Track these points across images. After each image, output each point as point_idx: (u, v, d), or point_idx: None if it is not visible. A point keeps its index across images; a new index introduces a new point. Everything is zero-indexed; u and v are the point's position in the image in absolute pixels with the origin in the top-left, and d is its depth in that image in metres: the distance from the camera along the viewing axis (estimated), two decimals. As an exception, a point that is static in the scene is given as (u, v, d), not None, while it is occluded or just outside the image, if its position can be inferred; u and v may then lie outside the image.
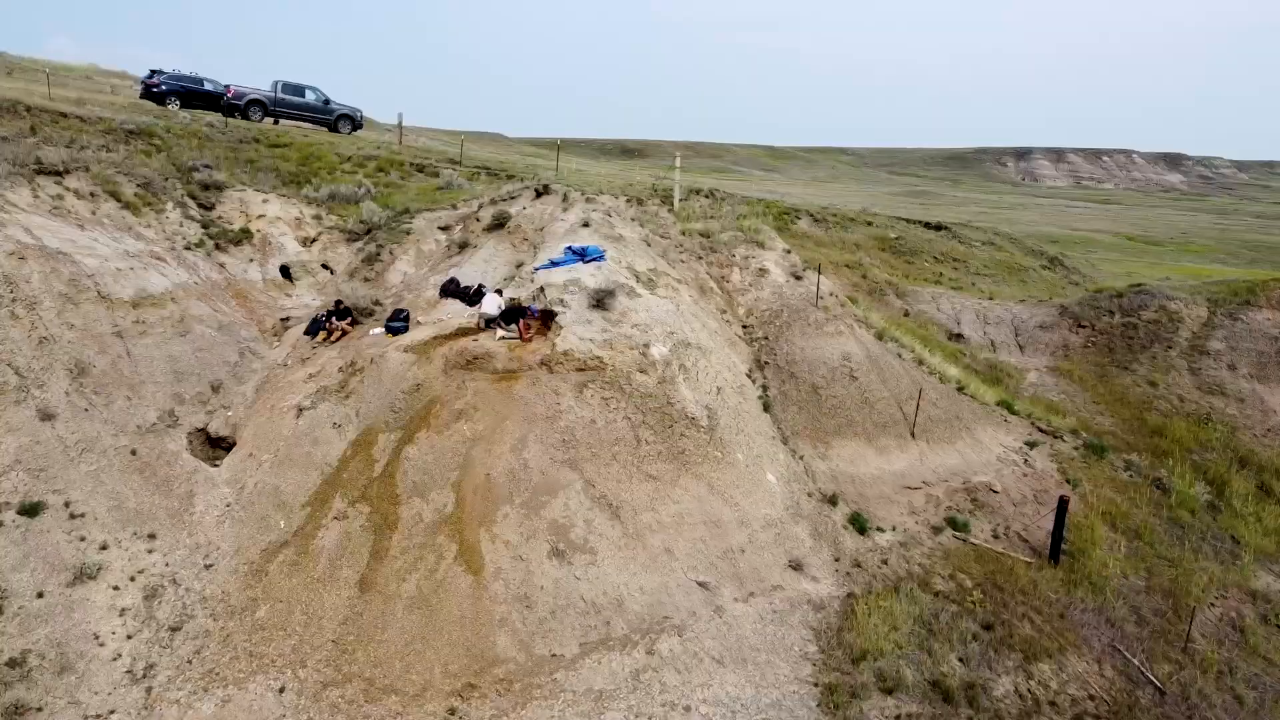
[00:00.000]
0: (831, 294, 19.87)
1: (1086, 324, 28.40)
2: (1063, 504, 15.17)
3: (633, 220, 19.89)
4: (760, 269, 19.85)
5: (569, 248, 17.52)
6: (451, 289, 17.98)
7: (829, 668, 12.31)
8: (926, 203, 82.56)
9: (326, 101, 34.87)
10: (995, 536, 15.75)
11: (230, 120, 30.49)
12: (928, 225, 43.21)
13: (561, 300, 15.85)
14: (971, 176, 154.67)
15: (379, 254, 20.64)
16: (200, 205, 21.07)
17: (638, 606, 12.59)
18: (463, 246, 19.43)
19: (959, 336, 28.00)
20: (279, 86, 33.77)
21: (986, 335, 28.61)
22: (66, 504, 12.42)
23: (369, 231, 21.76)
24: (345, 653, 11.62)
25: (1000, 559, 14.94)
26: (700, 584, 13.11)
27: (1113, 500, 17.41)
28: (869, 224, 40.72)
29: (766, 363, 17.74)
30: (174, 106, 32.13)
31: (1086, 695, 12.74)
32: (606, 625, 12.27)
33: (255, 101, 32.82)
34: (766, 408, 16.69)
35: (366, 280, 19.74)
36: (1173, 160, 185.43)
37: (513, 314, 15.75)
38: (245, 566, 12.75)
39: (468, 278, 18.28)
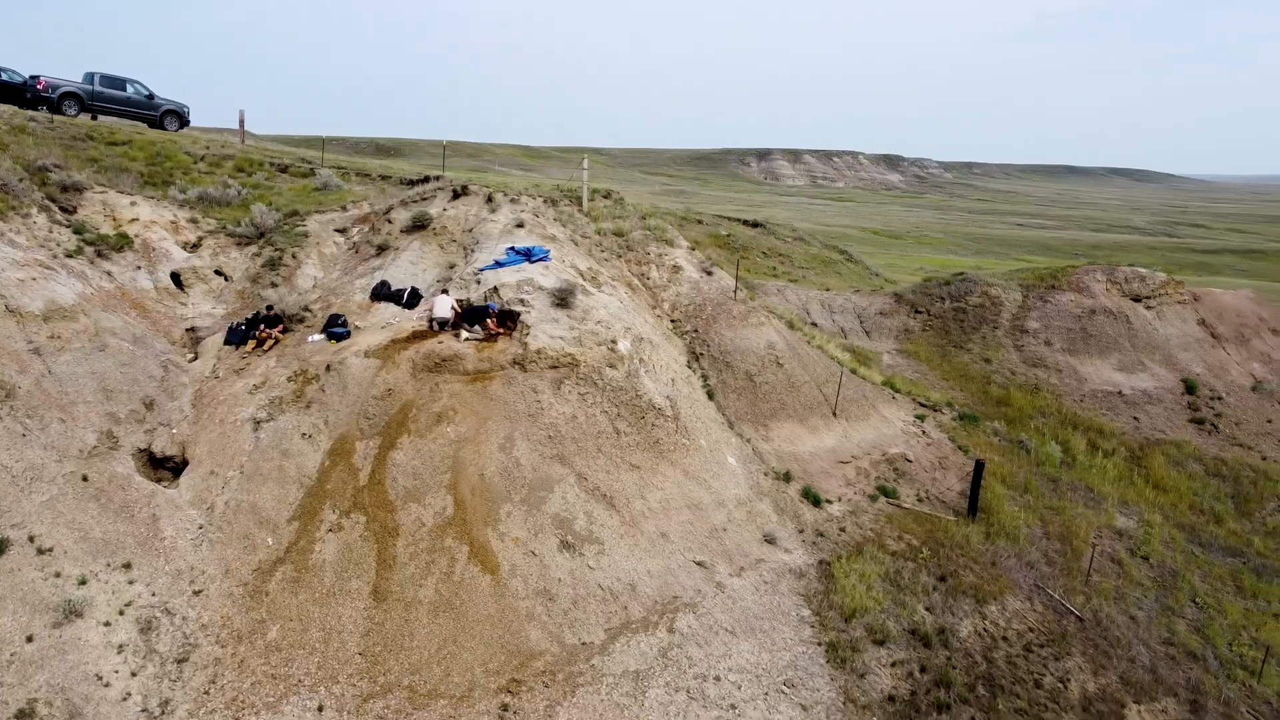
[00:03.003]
0: (740, 288, 21.12)
1: (922, 310, 31.64)
2: (979, 467, 17.21)
3: (555, 220, 20.13)
4: (674, 266, 20.75)
5: (512, 248, 17.56)
6: (383, 292, 17.51)
7: (826, 628, 13.42)
8: (685, 200, 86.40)
9: (151, 96, 31.98)
10: (920, 500, 17.58)
11: (55, 116, 27.43)
12: (746, 223, 45.97)
13: (521, 300, 15.97)
14: (719, 176, 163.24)
15: (280, 258, 19.58)
16: (62, 209, 19.13)
17: (649, 589, 13.12)
18: (381, 249, 18.87)
19: (812, 325, 30.24)
20: (96, 79, 30.62)
21: (835, 323, 31.06)
22: (31, 539, 11.27)
23: (260, 235, 20.54)
24: (376, 664, 11.36)
25: (932, 519, 16.73)
26: (698, 563, 13.83)
27: (998, 462, 19.84)
28: (699, 222, 42.87)
29: (701, 354, 18.67)
30: (-37, 96, 28.50)
31: (1028, 628, 14.67)
32: (625, 610, 12.72)
33: (70, 94, 29.57)
34: (710, 395, 17.62)
35: (273, 286, 18.70)
36: (892, 161, 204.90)
37: (475, 315, 15.67)
38: (240, 588, 12.06)
39: (397, 280, 17.85)
